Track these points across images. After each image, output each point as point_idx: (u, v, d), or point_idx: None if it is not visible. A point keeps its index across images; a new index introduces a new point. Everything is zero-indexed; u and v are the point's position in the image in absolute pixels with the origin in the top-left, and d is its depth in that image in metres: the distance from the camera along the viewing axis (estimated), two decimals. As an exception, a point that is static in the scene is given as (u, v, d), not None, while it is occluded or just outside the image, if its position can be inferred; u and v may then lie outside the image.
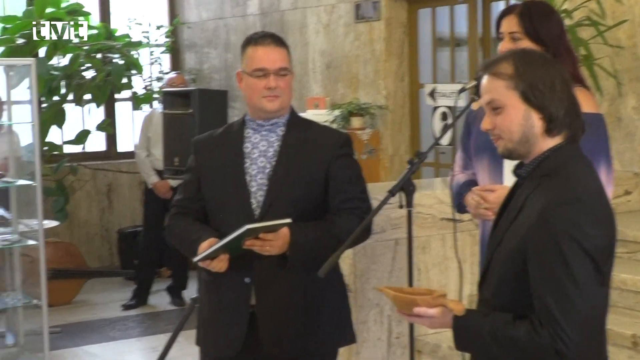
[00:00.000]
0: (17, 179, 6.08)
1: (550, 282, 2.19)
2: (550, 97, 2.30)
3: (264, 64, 3.16)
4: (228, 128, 3.34)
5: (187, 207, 3.29)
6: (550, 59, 2.39)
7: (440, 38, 7.21)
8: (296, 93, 8.12)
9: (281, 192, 3.16)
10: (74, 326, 6.98)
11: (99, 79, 8.27)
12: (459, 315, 2.32)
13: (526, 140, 2.34)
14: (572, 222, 2.19)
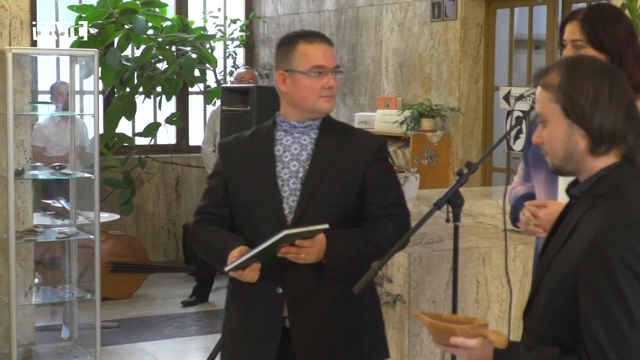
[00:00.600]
0: (77, 171, 6.04)
1: (602, 314, 2.01)
2: (591, 112, 2.10)
3: (323, 62, 2.99)
4: (257, 130, 3.15)
5: (213, 214, 3.11)
6: (604, 67, 2.16)
7: (518, 39, 6.95)
8: (368, 92, 7.94)
9: (315, 198, 2.98)
10: (131, 321, 6.92)
11: (170, 71, 8.20)
12: (500, 347, 2.12)
13: (570, 158, 2.16)
14: (628, 247, 1.99)
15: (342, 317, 3.04)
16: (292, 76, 3.01)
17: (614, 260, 2.00)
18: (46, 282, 6.55)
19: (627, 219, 2.03)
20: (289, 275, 2.97)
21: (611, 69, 2.17)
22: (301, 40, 3.02)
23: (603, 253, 2.01)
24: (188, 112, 9.34)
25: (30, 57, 6.08)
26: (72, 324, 6.21)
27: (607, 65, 2.19)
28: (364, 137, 3.17)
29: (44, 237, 5.91)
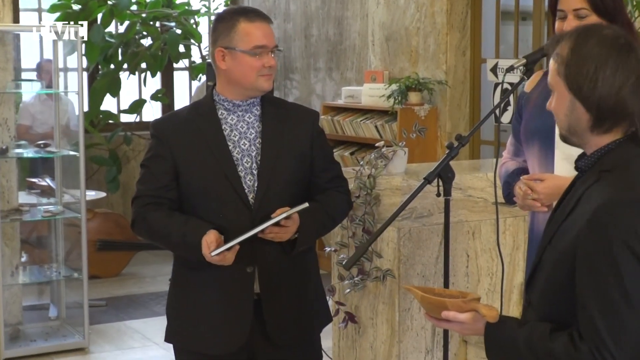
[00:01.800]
0: (62, 149, 5.98)
1: (599, 293, 1.97)
2: (590, 89, 2.06)
3: (265, 42, 2.97)
4: (196, 109, 3.10)
5: (160, 197, 3.01)
6: (614, 41, 2.09)
7: (505, 11, 6.90)
8: (354, 66, 7.90)
9: (274, 175, 3.00)
10: (119, 299, 6.90)
11: (155, 47, 8.13)
12: (491, 322, 2.13)
13: (574, 132, 2.14)
14: (630, 227, 1.96)
15: (306, 287, 3.15)
16: (232, 54, 2.97)
17: (615, 238, 1.96)
18: (33, 261, 6.51)
19: (631, 197, 1.99)
20: (259, 255, 3.00)
21: (623, 43, 2.09)
22: (242, 18, 2.97)
23: (604, 229, 1.97)
24: (173, 88, 9.27)
25: (13, 34, 6.01)
26: (59, 303, 6.18)
27: (620, 38, 2.11)
28: (302, 110, 3.22)
29: (29, 216, 5.86)
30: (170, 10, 8.33)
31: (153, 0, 8.27)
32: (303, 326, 3.15)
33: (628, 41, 2.11)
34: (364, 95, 7.23)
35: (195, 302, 3.09)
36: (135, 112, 8.59)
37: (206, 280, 3.04)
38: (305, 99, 8.49)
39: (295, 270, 3.09)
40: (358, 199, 4.13)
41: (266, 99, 3.11)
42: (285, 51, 8.79)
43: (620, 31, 2.14)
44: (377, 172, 4.14)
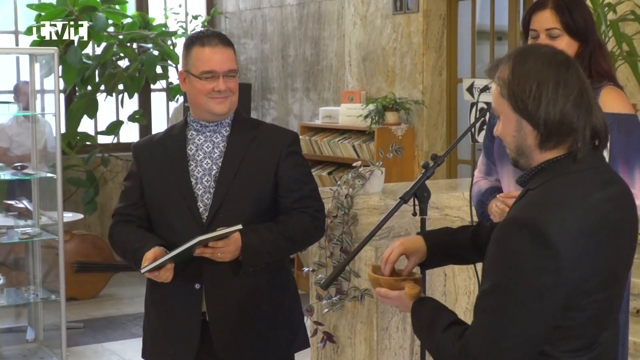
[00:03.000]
0: (39, 171, 5.97)
1: (484, 303, 2.07)
2: (535, 107, 2.08)
3: (213, 67, 3.01)
4: (169, 130, 3.19)
5: (129, 215, 3.13)
6: (552, 58, 2.11)
7: (480, 31, 6.96)
8: (332, 86, 7.93)
9: (229, 194, 3.02)
10: (97, 321, 6.87)
11: (132, 69, 8.13)
12: (410, 300, 2.33)
13: (522, 152, 2.16)
14: (522, 251, 1.99)
15: (260, 309, 3.11)
16: (188, 77, 3.07)
17: (506, 259, 2.02)
18: (10, 284, 6.47)
19: (525, 219, 2.01)
20: (206, 272, 3.02)
21: (561, 59, 2.12)
22: (196, 43, 3.05)
23: (499, 250, 2.04)
24: (151, 110, 9.27)
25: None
26: (37, 325, 6.15)
27: (558, 55, 2.13)
28: (275, 131, 3.21)
29: (7, 238, 5.84)
30: (147, 31, 8.34)
31: (130, 22, 8.27)
32: (264, 351, 3.13)
33: (566, 57, 2.14)
34: (341, 115, 7.26)
35: (149, 318, 3.20)
36: (112, 134, 8.58)
37: (157, 297, 3.12)
38: (283, 119, 8.52)
39: (247, 290, 3.07)
40: (336, 218, 4.15)
41: (239, 121, 3.14)
42: (263, 71, 8.81)
43: (557, 49, 2.17)
44: (355, 192, 4.15)
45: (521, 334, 2.02)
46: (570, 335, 2.07)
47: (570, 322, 2.05)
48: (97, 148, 8.49)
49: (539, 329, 2.03)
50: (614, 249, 2.10)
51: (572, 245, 2.00)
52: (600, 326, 2.11)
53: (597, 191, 2.09)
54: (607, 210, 2.08)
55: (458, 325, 2.18)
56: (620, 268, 2.16)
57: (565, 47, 3.10)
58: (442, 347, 2.16)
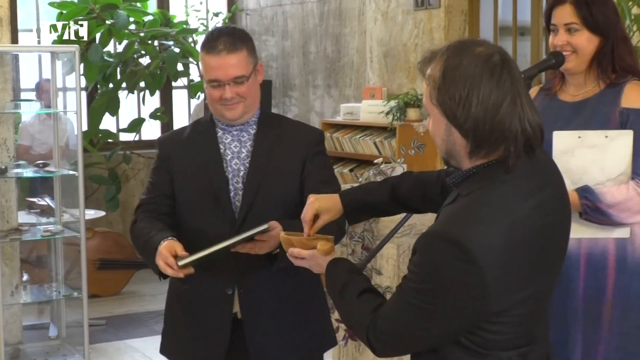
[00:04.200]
0: (61, 168, 5.99)
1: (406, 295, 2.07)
2: (464, 116, 2.00)
3: (217, 76, 2.96)
4: (195, 127, 3.15)
5: (154, 211, 3.07)
6: (485, 63, 2.02)
7: (503, 26, 6.92)
8: (353, 82, 7.90)
9: (258, 195, 2.99)
10: (119, 318, 6.89)
11: (153, 66, 8.14)
12: (323, 255, 2.35)
13: (452, 156, 2.11)
14: (446, 264, 1.98)
15: (294, 310, 3.08)
16: (203, 81, 3.05)
17: (424, 265, 2.02)
18: (33, 281, 6.51)
19: (451, 234, 1.98)
20: (239, 277, 2.98)
21: (496, 61, 2.03)
22: (204, 49, 3.00)
23: (420, 254, 2.04)
24: (172, 107, 9.28)
25: (12, 54, 6.02)
26: (59, 323, 6.17)
27: (493, 56, 2.04)
28: (302, 129, 3.17)
29: (29, 236, 5.86)
30: (168, 29, 8.34)
31: (151, 20, 8.28)
32: (297, 352, 3.10)
33: (502, 58, 2.04)
34: (362, 111, 7.24)
35: (173, 315, 3.16)
36: (134, 131, 8.59)
37: (185, 297, 3.07)
38: (304, 116, 8.50)
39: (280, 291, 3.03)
40: (357, 215, 4.13)
41: (264, 118, 3.11)
42: (284, 68, 8.80)
43: (494, 47, 2.08)
44: (376, 189, 4.13)
45: (431, 335, 2.05)
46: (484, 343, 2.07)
47: (486, 334, 2.05)
48: (119, 145, 8.51)
49: (450, 335, 2.06)
50: (541, 260, 2.09)
51: (495, 261, 1.97)
52: (524, 337, 2.10)
53: (525, 200, 2.04)
54: (535, 220, 2.05)
55: (372, 294, 2.21)
56: (549, 275, 2.15)
57: (585, 41, 3.09)
58: (353, 312, 2.21)
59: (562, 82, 3.24)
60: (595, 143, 3.06)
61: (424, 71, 2.09)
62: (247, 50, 3.00)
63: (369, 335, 2.13)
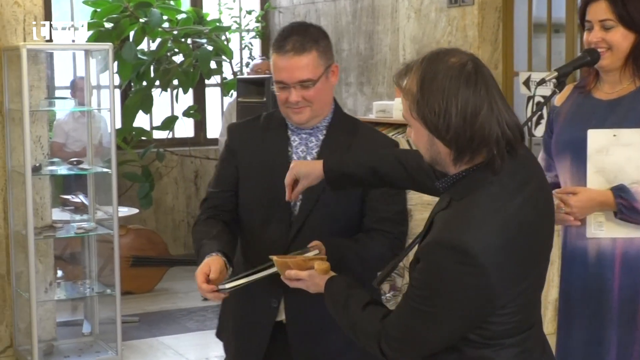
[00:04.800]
0: (95, 166, 6.02)
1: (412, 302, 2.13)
2: (445, 126, 2.06)
3: (282, 78, 2.82)
4: (267, 122, 3.00)
5: (219, 206, 2.99)
6: (460, 72, 2.07)
7: (537, 23, 6.86)
8: (386, 80, 7.88)
9: (316, 206, 2.87)
10: (152, 315, 6.92)
11: (187, 64, 8.16)
12: (321, 274, 2.42)
13: (436, 163, 2.17)
14: (451, 271, 2.05)
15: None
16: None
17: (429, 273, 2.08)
18: (67, 278, 6.55)
19: (452, 241, 2.04)
20: (285, 291, 2.78)
21: (470, 70, 2.07)
22: (274, 48, 2.87)
23: (424, 263, 2.08)
24: (205, 105, 9.30)
25: (46, 52, 6.05)
26: (93, 319, 6.20)
27: (466, 65, 2.08)
28: (375, 138, 2.99)
29: (63, 233, 5.89)
30: (201, 27, 8.36)
31: (184, 18, 8.30)
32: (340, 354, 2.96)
33: (475, 66, 2.09)
34: (395, 109, 7.20)
35: (227, 304, 3.08)
36: (167, 129, 8.62)
37: (231, 300, 2.90)
38: (337, 114, 8.47)
39: None
40: (389, 214, 4.11)
41: (337, 123, 2.96)
42: (317, 66, 8.78)
43: (466, 55, 2.12)
44: (409, 187, 4.11)
45: (442, 337, 2.13)
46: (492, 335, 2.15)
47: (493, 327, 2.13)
48: (152, 143, 8.54)
49: (459, 334, 2.13)
50: (533, 252, 2.17)
51: (496, 259, 2.06)
52: (524, 324, 2.18)
53: (514, 198, 2.12)
54: (524, 216, 2.13)
55: (376, 305, 2.28)
56: (542, 264, 2.24)
57: (620, 38, 3.05)
58: (360, 324, 2.26)
59: (597, 79, 3.20)
60: (631, 141, 3.02)
61: (400, 85, 2.14)
62: (318, 51, 2.84)
63: (380, 344, 2.19)
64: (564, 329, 3.21)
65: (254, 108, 4.89)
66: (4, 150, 5.74)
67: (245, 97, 5.05)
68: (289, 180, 2.65)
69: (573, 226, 3.09)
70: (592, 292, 3.11)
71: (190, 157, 8.99)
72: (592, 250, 3.11)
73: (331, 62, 2.90)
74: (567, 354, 3.19)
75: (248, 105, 4.99)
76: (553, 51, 6.66)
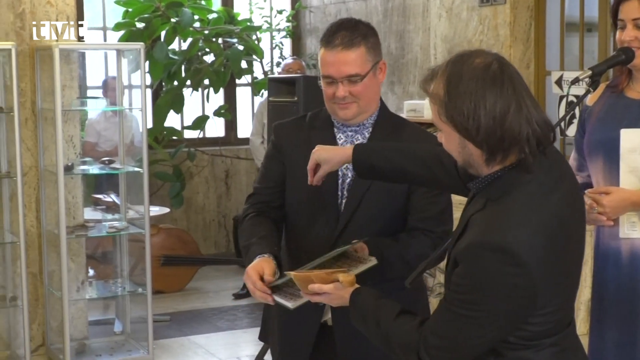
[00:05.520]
0: (126, 165, 6.05)
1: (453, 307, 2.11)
2: (475, 129, 2.06)
3: (330, 72, 2.81)
4: (313, 121, 2.99)
5: (266, 202, 2.98)
6: (485, 73, 2.06)
7: (569, 22, 6.81)
8: (417, 79, 7.85)
9: (360, 205, 2.85)
10: (183, 315, 6.93)
11: (218, 63, 8.18)
12: (347, 286, 2.37)
13: (470, 165, 2.16)
14: (495, 272, 2.03)
15: None
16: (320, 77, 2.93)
17: (473, 279, 2.06)
18: (98, 277, 6.59)
19: (496, 242, 2.03)
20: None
21: (495, 70, 2.07)
22: (322, 42, 2.86)
23: (466, 265, 2.07)
24: (236, 104, 9.32)
25: (78, 52, 6.09)
26: (124, 318, 6.22)
27: (491, 65, 2.07)
28: (421, 137, 2.95)
29: (95, 232, 5.93)
30: (232, 26, 8.38)
31: (215, 17, 8.32)
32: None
33: (500, 65, 2.09)
34: (426, 108, 7.17)
35: (270, 309, 3.06)
36: (198, 128, 8.65)
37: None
38: (368, 114, 8.46)
39: None
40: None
41: (383, 121, 2.95)
42: (347, 66, 8.76)
43: (491, 55, 2.11)
44: (440, 187, 4.09)
45: (486, 341, 2.11)
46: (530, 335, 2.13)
47: (532, 327, 2.11)
48: (184, 143, 8.58)
49: (502, 337, 2.11)
50: (572, 249, 2.17)
51: (539, 259, 2.04)
52: (562, 323, 2.17)
53: (551, 195, 2.11)
54: (562, 212, 2.12)
55: (408, 315, 2.25)
56: (580, 260, 2.23)
57: (653, 36, 3.03)
58: (394, 336, 2.22)
59: (629, 78, 3.17)
60: (664, 141, 2.99)
61: (426, 90, 2.14)
62: (367, 47, 2.84)
63: (420, 353, 2.15)
64: (596, 329, 3.19)
65: (285, 108, 4.89)
66: (36, 150, 5.78)
67: (276, 97, 5.05)
68: (311, 165, 2.67)
69: (606, 226, 3.06)
70: (625, 292, 3.08)
71: (221, 157, 9.01)
72: (625, 251, 3.08)
73: (379, 58, 2.90)
74: (599, 355, 3.16)
75: (279, 104, 4.98)
76: (585, 50, 6.61)
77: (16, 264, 5.63)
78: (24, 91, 5.72)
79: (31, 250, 5.81)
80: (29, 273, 5.75)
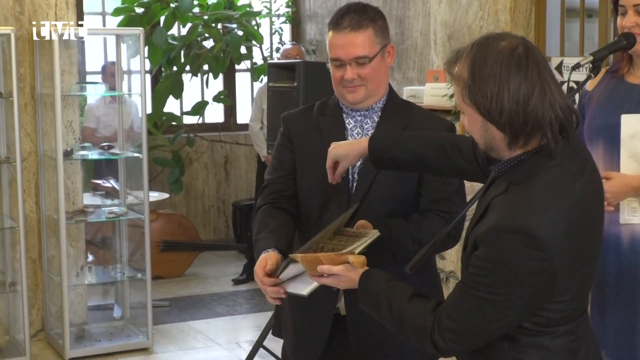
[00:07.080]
0: (126, 151, 6.04)
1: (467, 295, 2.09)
2: (498, 112, 2.05)
3: (339, 54, 2.82)
4: (322, 109, 3.00)
5: (280, 192, 2.96)
6: (510, 57, 2.05)
7: (570, 8, 6.79)
8: (417, 65, 7.84)
9: (371, 191, 2.84)
10: (182, 300, 6.95)
11: (217, 49, 8.16)
12: (358, 267, 2.33)
13: (491, 148, 2.15)
14: (516, 255, 2.02)
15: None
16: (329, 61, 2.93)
17: (495, 262, 2.03)
18: (98, 262, 6.59)
19: (519, 225, 2.02)
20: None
21: (520, 54, 2.06)
22: (330, 26, 2.87)
23: (486, 248, 2.05)
24: (235, 90, 9.31)
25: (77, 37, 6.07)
26: (123, 304, 6.23)
27: (517, 48, 2.07)
28: (431, 120, 2.95)
29: (94, 218, 5.93)
30: (231, 12, 8.36)
31: (215, 3, 8.30)
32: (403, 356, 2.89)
33: (526, 49, 2.08)
34: (426, 94, 7.16)
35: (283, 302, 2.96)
36: (197, 114, 8.64)
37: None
38: (367, 99, 8.45)
39: None
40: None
41: (391, 105, 2.94)
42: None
43: (516, 38, 2.10)
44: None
45: (504, 325, 2.09)
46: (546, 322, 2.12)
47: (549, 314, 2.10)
48: (183, 128, 8.57)
49: (519, 321, 2.10)
50: (593, 236, 2.16)
51: (561, 244, 2.04)
52: (577, 311, 2.16)
53: (575, 181, 2.10)
54: (586, 199, 2.11)
55: (421, 298, 2.22)
56: (599, 248, 2.22)
57: (657, 22, 3.02)
58: (407, 318, 2.19)
59: (630, 64, 3.16)
60: (666, 126, 2.99)
61: (451, 72, 2.14)
62: (375, 29, 2.84)
63: (434, 337, 2.13)
64: (597, 315, 3.19)
65: (284, 93, 4.86)
66: (35, 135, 5.77)
67: (276, 82, 5.01)
68: (329, 164, 2.68)
69: (606, 212, 3.06)
70: (626, 278, 3.08)
71: (220, 142, 9.00)
72: (626, 237, 3.08)
73: (387, 42, 2.90)
74: (600, 340, 3.15)
75: (278, 90, 4.95)
76: (586, 36, 6.59)
77: (15, 249, 5.63)
78: (23, 76, 5.71)
79: (30, 235, 5.81)
80: (29, 258, 5.75)
